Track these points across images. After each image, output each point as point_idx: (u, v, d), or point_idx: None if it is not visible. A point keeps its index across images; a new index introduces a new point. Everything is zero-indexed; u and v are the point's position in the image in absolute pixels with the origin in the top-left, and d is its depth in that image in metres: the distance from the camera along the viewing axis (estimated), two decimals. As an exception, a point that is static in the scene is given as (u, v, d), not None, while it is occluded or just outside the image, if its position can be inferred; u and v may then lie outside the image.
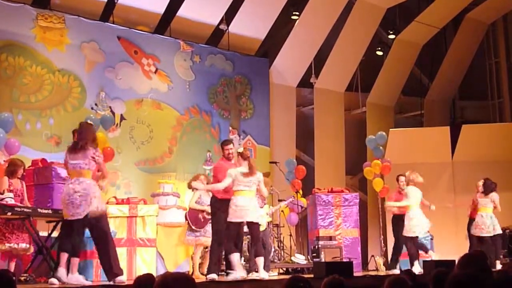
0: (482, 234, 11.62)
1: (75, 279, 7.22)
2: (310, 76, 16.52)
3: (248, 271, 9.30)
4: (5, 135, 9.74)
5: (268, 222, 11.46)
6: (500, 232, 11.93)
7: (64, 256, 7.23)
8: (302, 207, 12.95)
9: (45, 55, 12.41)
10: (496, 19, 18.26)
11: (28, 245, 8.26)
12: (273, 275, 9.90)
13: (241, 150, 8.51)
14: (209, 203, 9.70)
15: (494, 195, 11.75)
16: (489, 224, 11.63)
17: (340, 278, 4.48)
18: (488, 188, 11.76)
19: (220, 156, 9.15)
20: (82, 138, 7.45)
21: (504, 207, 11.90)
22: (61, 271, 7.16)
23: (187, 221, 9.95)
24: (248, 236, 9.10)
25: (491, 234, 11.63)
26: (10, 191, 8.43)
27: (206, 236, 9.66)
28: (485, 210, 11.72)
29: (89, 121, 8.93)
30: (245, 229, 8.73)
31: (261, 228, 9.86)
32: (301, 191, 13.31)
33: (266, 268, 9.66)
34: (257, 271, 8.57)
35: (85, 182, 7.25)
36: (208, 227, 9.59)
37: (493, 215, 11.75)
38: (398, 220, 11.34)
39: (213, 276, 8.13)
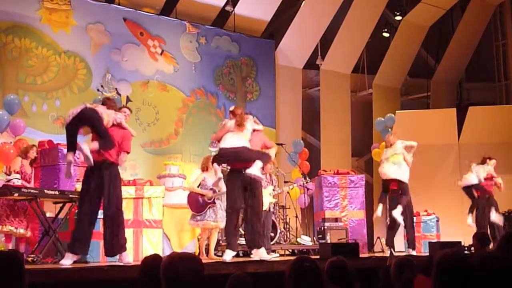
0: None
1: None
2: (316, 57, 16.47)
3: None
4: (9, 116, 9.76)
5: (274, 204, 11.46)
6: None
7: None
8: (308, 188, 12.94)
9: (51, 36, 12.41)
10: (504, 0, 18.13)
11: (25, 230, 8.34)
12: (275, 256, 9.92)
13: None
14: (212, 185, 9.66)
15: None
16: None
17: (343, 259, 4.51)
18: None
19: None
20: None
21: (509, 189, 11.91)
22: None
23: (187, 205, 9.78)
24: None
25: None
26: (19, 172, 8.48)
27: (206, 220, 9.61)
28: None
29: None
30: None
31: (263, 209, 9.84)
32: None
33: (267, 250, 9.67)
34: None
35: None
36: (208, 211, 9.56)
37: None
38: None
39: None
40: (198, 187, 9.73)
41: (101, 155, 7.22)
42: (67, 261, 7.01)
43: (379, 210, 10.97)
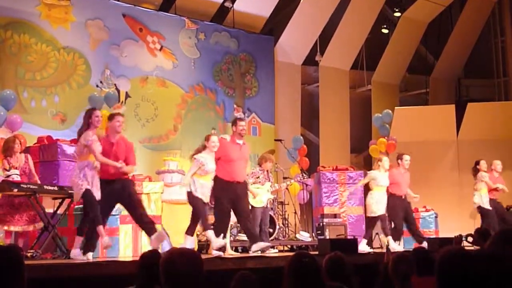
0: None
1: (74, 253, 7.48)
2: (315, 54, 16.47)
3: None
4: (5, 112, 9.73)
5: (272, 200, 11.46)
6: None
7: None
8: (307, 184, 12.94)
9: (50, 32, 12.40)
10: (503, -4, 18.17)
11: (23, 227, 8.34)
12: (274, 251, 9.92)
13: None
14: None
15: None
16: None
17: (341, 254, 4.52)
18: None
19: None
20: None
21: (508, 185, 11.90)
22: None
23: None
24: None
25: None
26: (15, 168, 8.45)
27: None
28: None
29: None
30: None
31: (260, 205, 9.85)
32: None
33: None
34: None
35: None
36: None
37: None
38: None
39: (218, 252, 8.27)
40: None
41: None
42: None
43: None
